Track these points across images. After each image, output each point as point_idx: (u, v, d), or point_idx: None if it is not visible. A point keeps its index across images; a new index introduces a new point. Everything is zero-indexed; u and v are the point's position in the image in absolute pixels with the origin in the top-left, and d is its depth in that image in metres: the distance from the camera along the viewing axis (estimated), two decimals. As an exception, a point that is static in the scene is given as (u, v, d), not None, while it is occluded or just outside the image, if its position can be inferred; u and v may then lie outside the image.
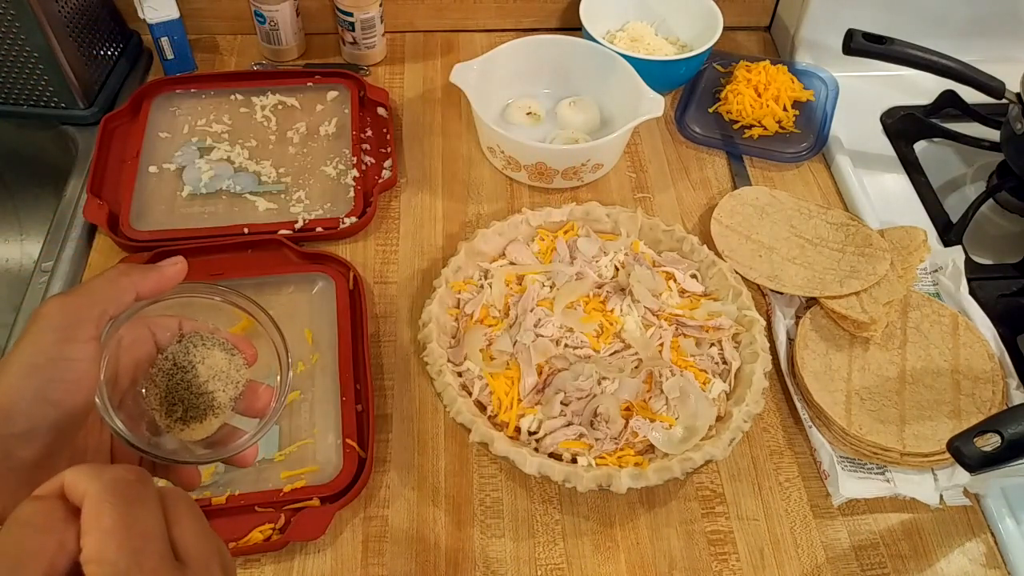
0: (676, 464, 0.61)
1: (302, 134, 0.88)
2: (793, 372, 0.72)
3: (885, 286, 0.74)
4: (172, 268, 0.44)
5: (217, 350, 0.46)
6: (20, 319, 0.73)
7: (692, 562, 0.62)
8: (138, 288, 0.42)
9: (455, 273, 0.73)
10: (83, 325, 0.39)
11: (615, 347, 0.70)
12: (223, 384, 0.45)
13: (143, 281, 0.42)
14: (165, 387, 0.44)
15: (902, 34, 0.84)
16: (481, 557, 0.62)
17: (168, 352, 0.45)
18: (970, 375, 0.70)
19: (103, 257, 0.78)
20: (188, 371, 0.45)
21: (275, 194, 0.83)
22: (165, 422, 0.44)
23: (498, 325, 0.71)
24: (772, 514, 0.65)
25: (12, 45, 0.83)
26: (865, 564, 0.63)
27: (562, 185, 0.86)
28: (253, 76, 0.95)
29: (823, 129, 0.93)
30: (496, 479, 0.66)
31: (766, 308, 0.77)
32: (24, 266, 0.98)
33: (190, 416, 0.45)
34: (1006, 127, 0.86)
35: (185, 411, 0.44)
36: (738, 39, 1.07)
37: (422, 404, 0.70)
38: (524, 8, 1.04)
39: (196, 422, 0.45)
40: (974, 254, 0.83)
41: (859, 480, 0.65)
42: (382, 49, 1.00)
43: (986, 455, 0.55)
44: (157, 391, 0.44)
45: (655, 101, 0.84)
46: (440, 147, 0.91)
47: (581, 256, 0.76)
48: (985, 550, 0.64)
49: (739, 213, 0.82)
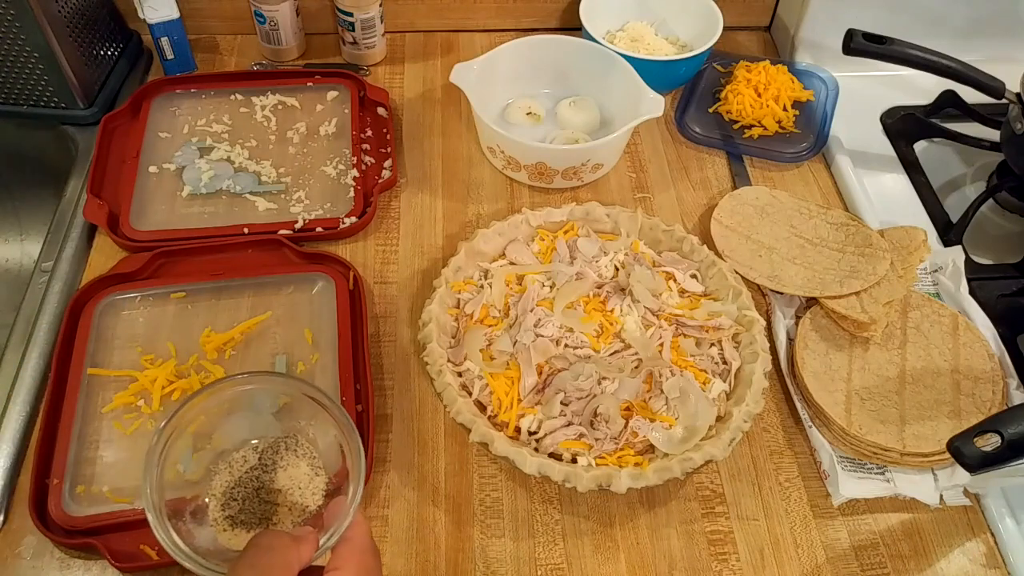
0: (676, 464, 0.61)
1: (302, 134, 0.88)
2: (793, 372, 0.72)
3: (885, 286, 0.74)
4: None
5: (305, 464, 0.43)
6: (20, 319, 0.73)
7: (692, 562, 0.62)
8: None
9: (455, 273, 0.73)
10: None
11: (615, 347, 0.70)
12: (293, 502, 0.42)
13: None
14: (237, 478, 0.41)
15: (902, 34, 0.84)
16: (481, 557, 0.62)
17: (259, 443, 0.42)
18: (970, 375, 0.70)
19: (103, 257, 0.78)
20: (268, 471, 0.42)
21: (275, 194, 0.83)
22: (216, 515, 0.41)
23: (498, 325, 0.71)
24: (772, 514, 0.65)
25: (12, 45, 0.83)
26: (865, 564, 0.63)
27: (562, 185, 0.86)
28: (253, 76, 0.95)
29: (823, 129, 0.93)
30: (496, 479, 0.66)
31: (766, 308, 0.77)
32: (24, 266, 0.98)
33: (240, 521, 0.41)
34: (1006, 127, 0.86)
35: (240, 513, 0.41)
36: (738, 39, 1.07)
37: (422, 404, 0.70)
38: (524, 8, 1.04)
39: (244, 529, 0.42)
40: (974, 254, 0.83)
41: (859, 480, 0.65)
42: (382, 49, 1.00)
43: (986, 455, 0.55)
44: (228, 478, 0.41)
45: (655, 101, 0.84)
46: (440, 147, 0.91)
47: (581, 256, 0.76)
48: (985, 550, 0.64)
49: (739, 213, 0.82)
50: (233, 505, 0.42)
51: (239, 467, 0.42)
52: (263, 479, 0.42)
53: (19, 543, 0.60)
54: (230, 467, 0.42)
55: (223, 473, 0.42)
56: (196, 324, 0.72)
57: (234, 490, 0.42)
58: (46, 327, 0.72)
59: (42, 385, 0.69)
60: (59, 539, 0.59)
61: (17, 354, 0.71)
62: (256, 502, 0.42)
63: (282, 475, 0.42)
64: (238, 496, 0.42)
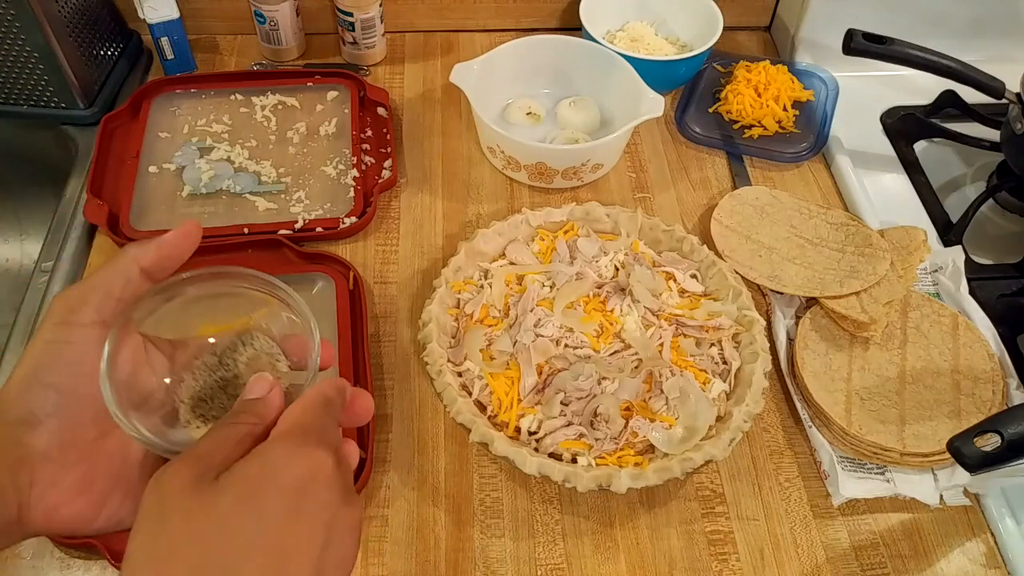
0: (676, 464, 0.61)
1: (302, 134, 0.88)
2: (793, 372, 0.72)
3: (885, 286, 0.74)
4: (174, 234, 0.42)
5: (263, 355, 0.44)
6: (20, 319, 0.73)
7: (692, 562, 0.62)
8: (139, 261, 0.40)
9: (455, 273, 0.73)
10: (81, 309, 0.38)
11: (615, 347, 0.70)
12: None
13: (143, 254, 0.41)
14: (203, 382, 0.42)
15: (902, 34, 0.84)
16: (481, 557, 0.62)
17: (217, 347, 0.43)
18: (970, 375, 0.70)
19: (103, 257, 0.78)
20: (230, 370, 0.43)
21: (275, 194, 0.83)
22: (187, 416, 0.43)
23: (498, 325, 0.71)
24: (772, 514, 0.65)
25: (12, 45, 0.83)
26: (865, 564, 0.63)
27: (562, 185, 0.86)
28: (253, 76, 0.95)
29: (823, 129, 0.93)
30: (496, 479, 0.66)
31: (766, 308, 0.77)
32: (24, 266, 0.98)
33: (213, 417, 0.43)
34: (1006, 127, 0.86)
35: (209, 411, 0.43)
36: (738, 39, 1.07)
37: (422, 404, 0.70)
38: (524, 8, 1.04)
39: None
40: (974, 254, 0.83)
41: (859, 480, 0.65)
42: (382, 49, 1.00)
43: (986, 455, 0.55)
44: (193, 384, 0.42)
45: (655, 101, 0.84)
46: (440, 147, 0.91)
47: (581, 256, 0.76)
48: (985, 550, 0.64)
49: (739, 213, 0.82)
50: (202, 405, 0.43)
51: (201, 372, 0.43)
52: (227, 376, 0.43)
53: (19, 543, 0.60)
54: (192, 373, 0.43)
55: (187, 379, 0.43)
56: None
57: (201, 391, 0.43)
58: (46, 327, 0.72)
59: (42, 385, 0.69)
60: (59, 539, 0.59)
61: (17, 354, 0.71)
62: (225, 398, 0.43)
63: (245, 370, 0.43)
64: (206, 396, 0.43)
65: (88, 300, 0.39)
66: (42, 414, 0.37)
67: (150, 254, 0.41)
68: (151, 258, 0.41)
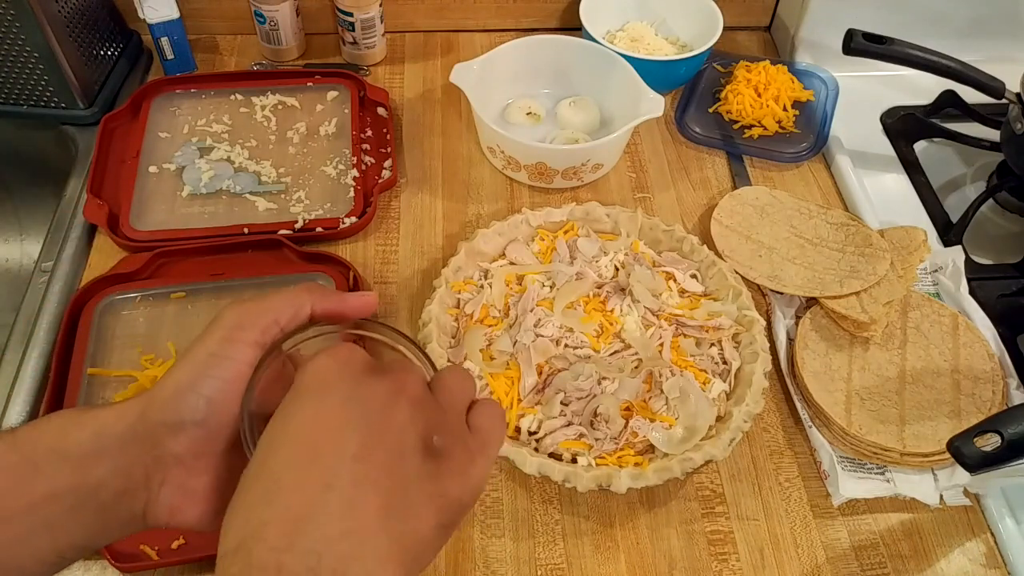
0: (676, 464, 0.61)
1: (302, 134, 0.88)
2: (793, 372, 0.72)
3: (885, 286, 0.74)
4: (357, 299, 0.43)
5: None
6: (20, 319, 0.73)
7: (692, 562, 0.62)
8: (315, 306, 0.42)
9: (455, 273, 0.73)
10: (248, 328, 0.39)
11: (615, 347, 0.70)
12: None
13: (322, 300, 0.42)
14: None
15: (902, 34, 0.84)
16: (481, 557, 0.62)
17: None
18: (970, 375, 0.70)
19: (103, 257, 0.78)
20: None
21: (275, 194, 0.83)
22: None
23: (498, 325, 0.71)
24: (772, 514, 0.65)
25: (12, 45, 0.83)
26: (865, 564, 0.63)
27: (562, 185, 0.86)
28: (253, 76, 0.95)
29: (823, 129, 0.93)
30: (496, 479, 0.66)
31: (766, 308, 0.77)
32: (24, 266, 0.98)
33: None
34: (1006, 127, 0.86)
35: None
36: (738, 39, 1.07)
37: (422, 404, 0.70)
38: (524, 8, 1.04)
39: None
40: (974, 254, 0.83)
41: (859, 480, 0.65)
42: (382, 49, 1.00)
43: (986, 455, 0.55)
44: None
45: (655, 101, 0.84)
46: (440, 147, 0.91)
47: (581, 256, 0.76)
48: (985, 550, 0.64)
49: (739, 213, 0.82)
50: None
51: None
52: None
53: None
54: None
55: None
56: (196, 324, 0.72)
57: None
58: (46, 327, 0.72)
59: (42, 385, 0.69)
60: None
61: (17, 354, 0.71)
62: None
63: None
64: None
65: (257, 322, 0.40)
66: (189, 422, 0.38)
67: (330, 305, 0.42)
68: (327, 307, 0.42)
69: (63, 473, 0.36)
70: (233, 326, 0.39)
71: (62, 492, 0.36)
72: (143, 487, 0.38)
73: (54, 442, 0.37)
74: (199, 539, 0.60)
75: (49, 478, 0.36)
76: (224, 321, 0.39)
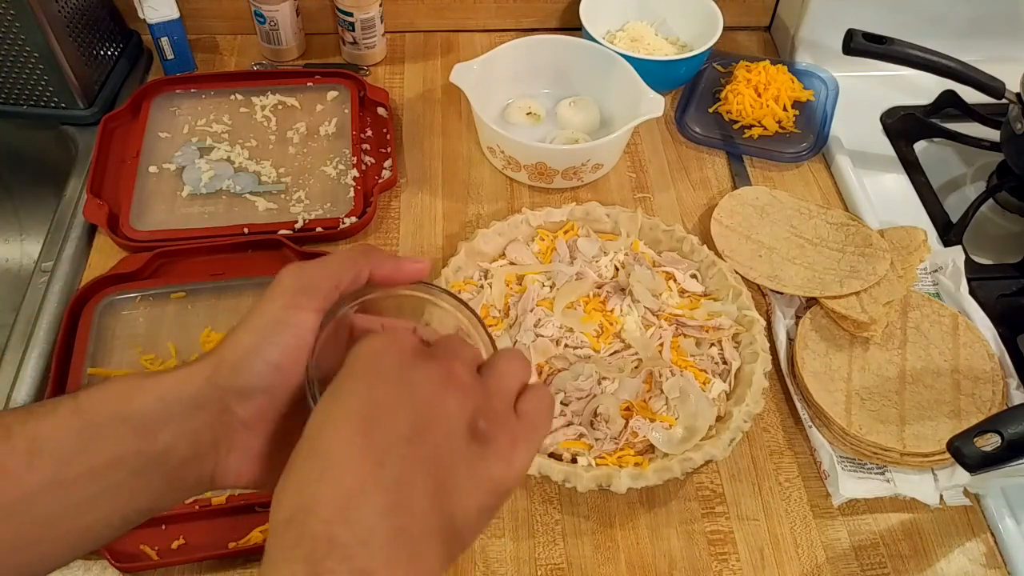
0: (676, 464, 0.61)
1: (302, 134, 0.88)
2: (793, 372, 0.72)
3: (885, 286, 0.74)
4: (412, 264, 0.43)
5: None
6: (20, 319, 0.73)
7: (692, 562, 0.62)
8: (375, 270, 0.42)
9: (455, 273, 0.73)
10: (311, 294, 0.39)
11: (615, 347, 0.70)
12: None
13: (380, 265, 0.42)
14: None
15: (902, 34, 0.84)
16: (481, 557, 0.62)
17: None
18: (970, 375, 0.70)
19: (103, 257, 0.78)
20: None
21: (275, 194, 0.83)
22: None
23: (498, 325, 0.71)
24: (772, 514, 0.65)
25: (12, 45, 0.83)
26: (865, 564, 0.63)
27: (562, 185, 0.86)
28: (253, 76, 0.95)
29: (823, 129, 0.93)
30: (496, 479, 0.66)
31: (766, 308, 0.77)
32: (24, 266, 0.98)
33: None
34: (1006, 127, 0.86)
35: None
36: (738, 39, 1.07)
37: (422, 404, 0.70)
38: (524, 8, 1.04)
39: None
40: (974, 254, 0.83)
41: (859, 480, 0.65)
42: (382, 49, 1.00)
43: (986, 455, 0.55)
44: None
45: (655, 101, 0.84)
46: (440, 147, 0.91)
47: (581, 256, 0.76)
48: (985, 550, 0.64)
49: (739, 213, 0.82)
50: None
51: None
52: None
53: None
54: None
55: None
56: (196, 324, 0.72)
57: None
58: (46, 327, 0.72)
59: (42, 385, 0.69)
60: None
61: (17, 354, 0.71)
62: None
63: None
64: None
65: (319, 287, 0.40)
66: (257, 389, 0.38)
67: (386, 269, 0.42)
68: (385, 272, 0.42)
69: (127, 438, 0.36)
70: (297, 291, 0.39)
71: (127, 457, 0.36)
72: (211, 452, 0.38)
73: (118, 407, 0.37)
74: (199, 539, 0.60)
75: (113, 443, 0.36)
76: (287, 286, 0.39)
